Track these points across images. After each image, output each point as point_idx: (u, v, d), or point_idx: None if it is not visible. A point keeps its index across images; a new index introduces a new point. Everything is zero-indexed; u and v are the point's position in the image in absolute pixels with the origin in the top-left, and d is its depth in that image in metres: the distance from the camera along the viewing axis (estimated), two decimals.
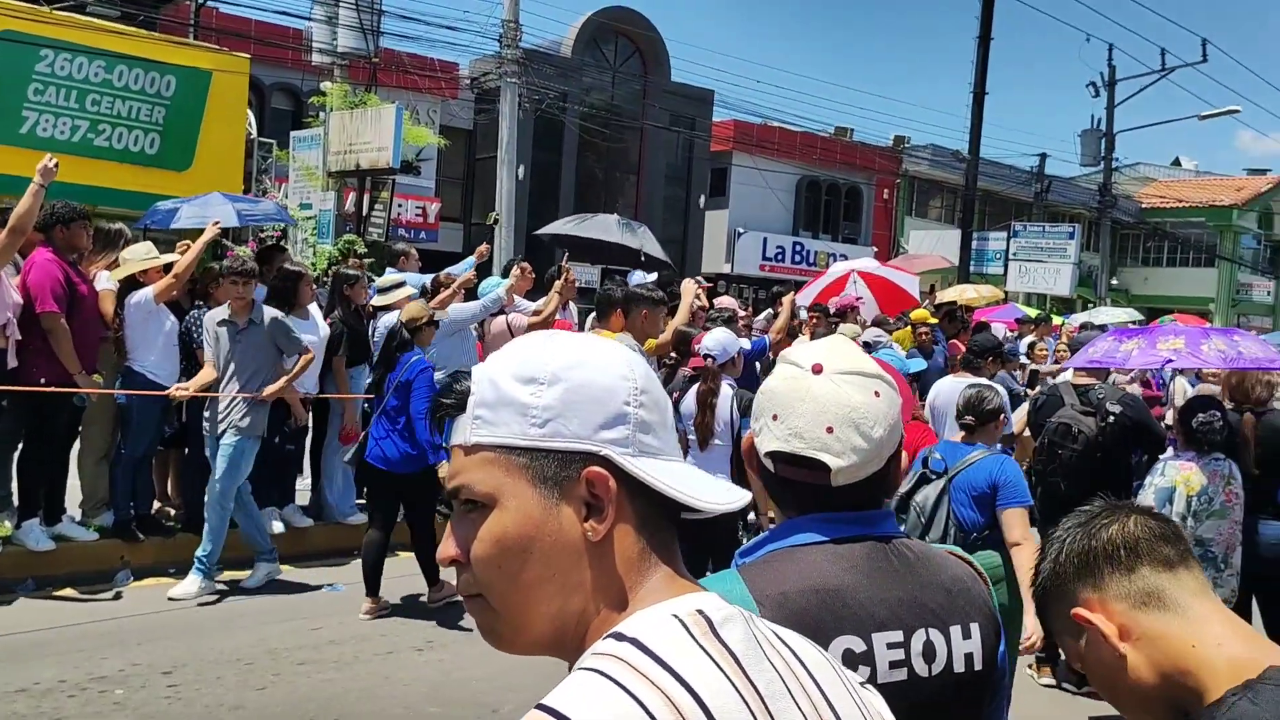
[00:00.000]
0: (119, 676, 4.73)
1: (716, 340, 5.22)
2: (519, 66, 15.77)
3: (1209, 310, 33.57)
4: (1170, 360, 4.97)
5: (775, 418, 1.42)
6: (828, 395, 1.38)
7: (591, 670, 0.81)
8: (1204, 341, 4.85)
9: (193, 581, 5.94)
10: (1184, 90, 75.42)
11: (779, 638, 0.92)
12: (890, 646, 1.34)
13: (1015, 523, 3.96)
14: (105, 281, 6.50)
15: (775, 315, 9.53)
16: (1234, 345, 4.81)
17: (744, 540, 4.81)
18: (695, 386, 5.14)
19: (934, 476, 4.22)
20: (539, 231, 9.99)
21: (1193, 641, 1.23)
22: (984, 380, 5.61)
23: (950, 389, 7.04)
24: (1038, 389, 7.99)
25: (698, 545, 5.05)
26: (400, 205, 19.87)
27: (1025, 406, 6.48)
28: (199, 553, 6.01)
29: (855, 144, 29.86)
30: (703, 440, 5.05)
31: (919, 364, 7.14)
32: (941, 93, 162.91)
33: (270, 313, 6.28)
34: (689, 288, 6.85)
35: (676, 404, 5.28)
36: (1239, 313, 37.45)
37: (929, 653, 1.36)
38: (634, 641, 0.82)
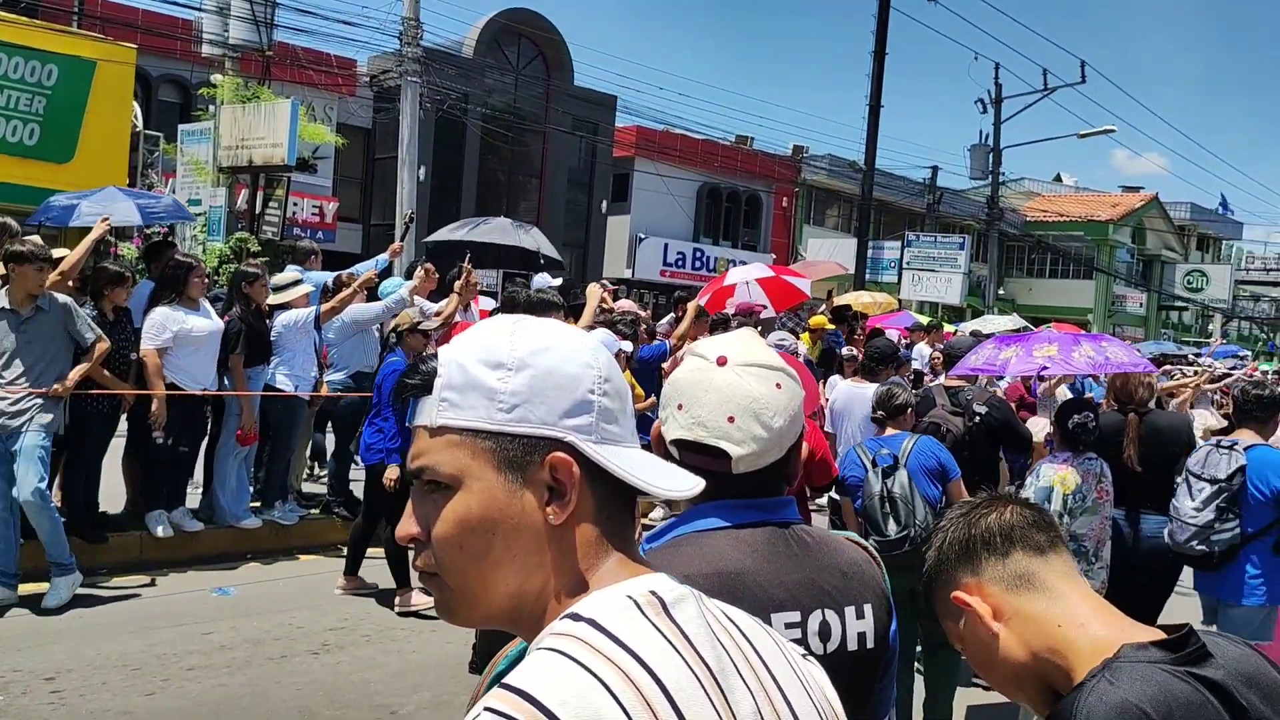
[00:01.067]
0: None
1: (597, 339, 5.21)
2: (419, 65, 15.58)
3: (1087, 320, 35.04)
4: (1045, 367, 5.20)
5: (680, 407, 1.47)
6: (731, 386, 1.45)
7: (551, 650, 0.84)
8: (1075, 349, 5.10)
9: (61, 586, 5.68)
10: (1065, 109, 78.78)
11: (727, 616, 0.96)
12: (788, 626, 1.40)
13: (963, 493, 4.54)
14: None
15: (677, 320, 9.64)
16: (1101, 351, 5.07)
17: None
18: None
19: (893, 468, 4.72)
20: (430, 238, 9.86)
21: (1058, 621, 1.35)
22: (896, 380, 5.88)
23: (848, 393, 7.24)
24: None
25: None
26: (296, 204, 19.41)
27: (1044, 419, 6.66)
28: (54, 558, 5.69)
29: (755, 152, 30.31)
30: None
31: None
32: (839, 104, 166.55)
33: (61, 299, 5.82)
34: (594, 291, 6.90)
35: None
36: (1114, 323, 39.18)
37: (825, 632, 1.43)
38: (591, 621, 0.86)
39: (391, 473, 5.90)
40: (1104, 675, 1.22)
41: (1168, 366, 17.19)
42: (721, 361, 1.48)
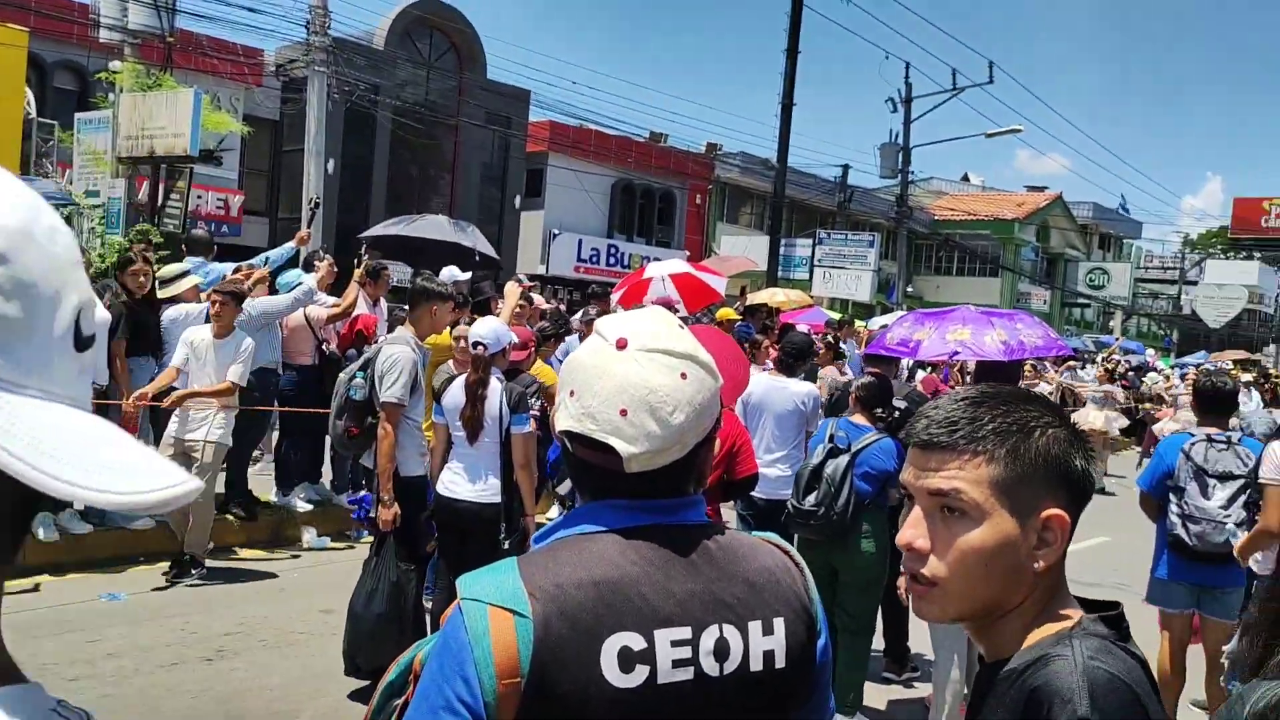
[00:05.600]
0: None
1: (489, 328, 5.02)
2: (327, 55, 15.23)
3: None
4: (957, 352, 5.24)
5: (572, 394, 1.33)
6: (628, 374, 1.29)
7: None
8: (988, 332, 5.12)
9: None
10: (973, 109, 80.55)
11: None
12: (675, 644, 1.26)
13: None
14: None
15: (590, 317, 9.57)
16: (1015, 334, 5.10)
17: (505, 543, 4.81)
18: (462, 377, 5.03)
19: (841, 451, 4.96)
20: (365, 234, 9.61)
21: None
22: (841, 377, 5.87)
23: (766, 387, 7.24)
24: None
25: (461, 536, 4.97)
26: (200, 196, 18.80)
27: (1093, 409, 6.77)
28: None
29: (669, 149, 30.39)
30: (471, 434, 4.90)
31: None
32: (754, 102, 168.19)
33: None
34: (513, 289, 6.79)
35: (438, 396, 5.18)
36: None
37: (721, 650, 1.28)
38: None
39: None
40: (1080, 646, 1.19)
41: (1071, 363, 17.72)
42: (621, 344, 1.32)
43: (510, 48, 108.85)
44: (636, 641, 1.24)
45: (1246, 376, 19.27)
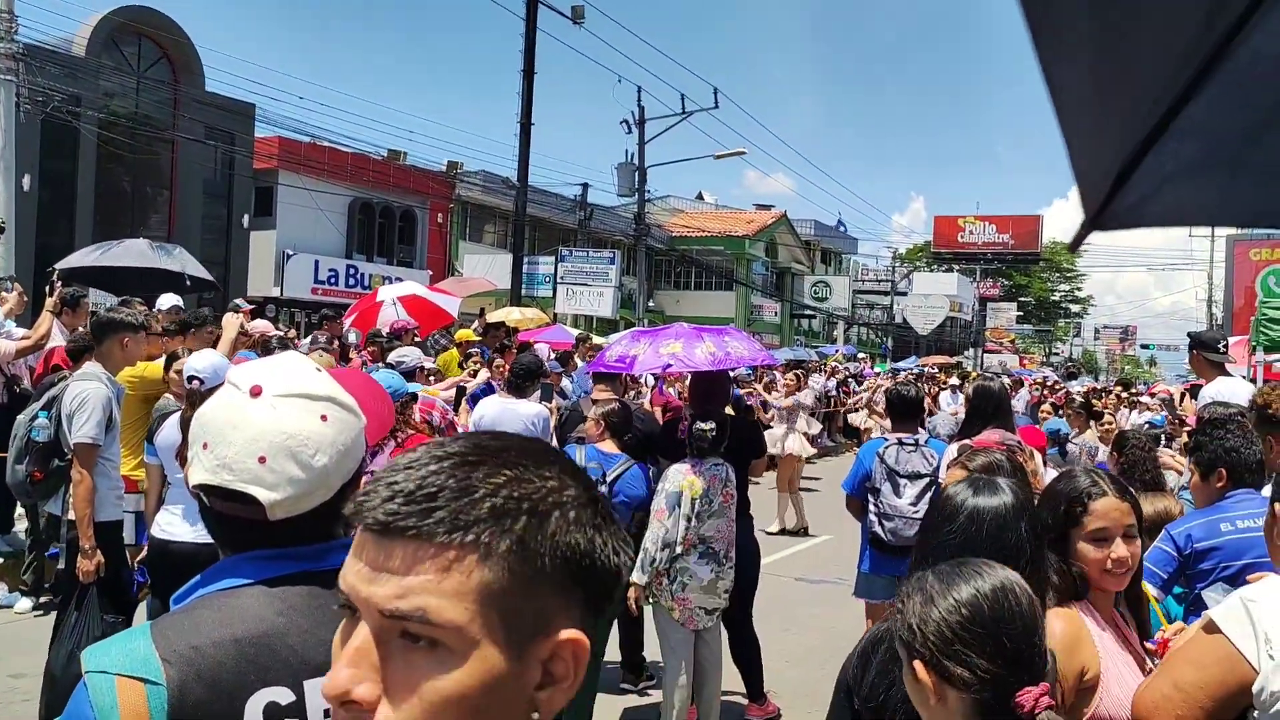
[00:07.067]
0: None
1: (206, 362, 4.64)
2: (15, 62, 13.90)
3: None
4: (669, 365, 5.47)
5: (205, 446, 1.30)
6: (264, 421, 1.28)
7: None
8: (698, 345, 5.38)
9: None
10: (702, 132, 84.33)
11: None
12: None
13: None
14: None
15: (319, 344, 9.21)
16: (723, 346, 5.39)
17: None
18: (177, 414, 4.74)
19: (598, 483, 4.72)
20: (59, 265, 8.76)
21: None
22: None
23: (498, 409, 7.22)
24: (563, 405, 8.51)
25: (178, 580, 4.68)
26: None
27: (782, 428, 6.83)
28: None
29: (408, 168, 29.83)
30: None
31: None
32: (493, 122, 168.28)
33: None
34: (231, 322, 6.44)
35: (150, 435, 4.89)
36: (753, 330, 42.37)
37: None
38: None
39: None
40: None
41: (798, 370, 18.80)
42: (256, 391, 1.31)
43: (231, 60, 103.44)
44: (284, 695, 1.21)
45: (955, 380, 21.21)
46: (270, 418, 1.29)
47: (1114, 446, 4.91)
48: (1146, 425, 10.41)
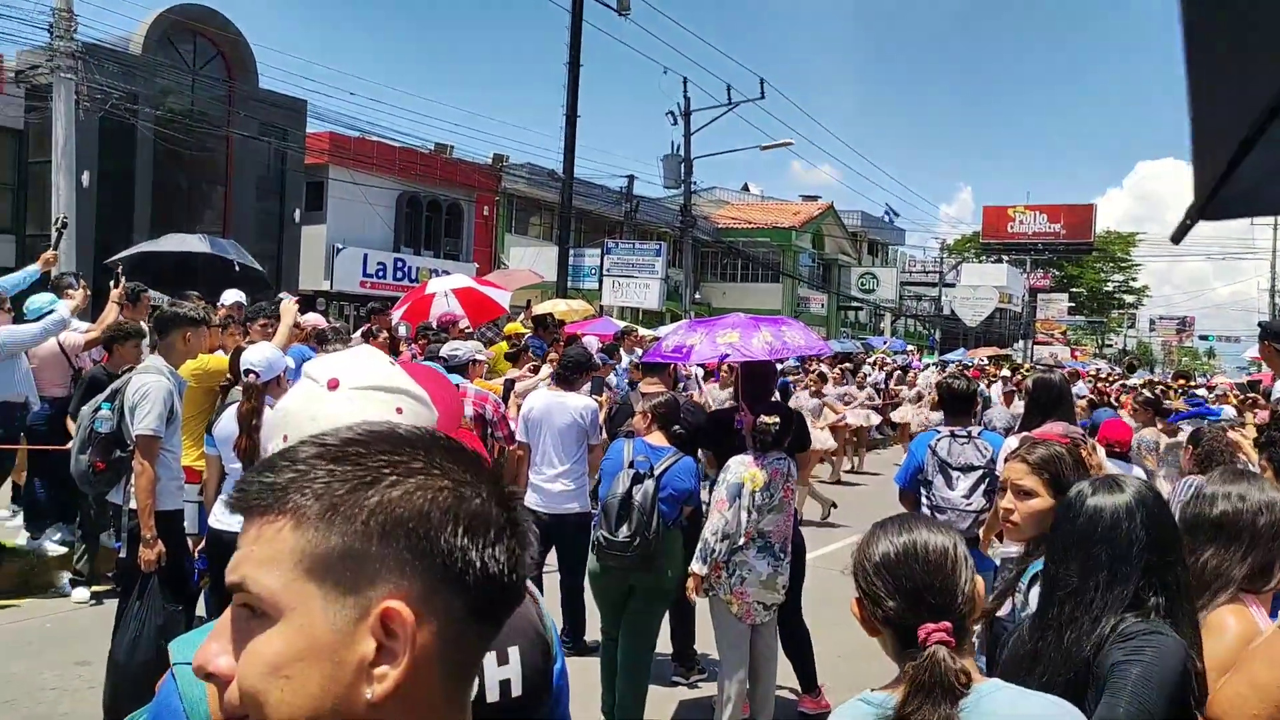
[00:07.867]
0: None
1: (261, 355, 4.74)
2: (74, 61, 14.17)
3: None
4: (727, 355, 5.44)
5: (286, 439, 1.31)
6: (342, 414, 1.28)
7: None
8: (755, 335, 5.34)
9: None
10: (748, 123, 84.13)
11: None
12: None
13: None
14: None
15: (370, 331, 9.31)
16: (780, 336, 5.34)
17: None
18: (235, 407, 4.79)
19: (645, 476, 4.94)
20: (112, 259, 8.96)
21: None
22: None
23: (546, 401, 7.24)
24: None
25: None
26: None
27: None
28: None
29: (455, 161, 30.01)
30: (248, 464, 4.66)
31: None
32: (539, 114, 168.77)
33: None
34: (289, 308, 6.52)
35: (209, 426, 4.95)
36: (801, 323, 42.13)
37: None
38: None
39: None
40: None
41: (845, 363, 18.65)
42: (333, 385, 1.33)
43: (284, 57, 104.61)
44: None
45: (1006, 372, 20.93)
46: (348, 410, 1.30)
47: (1189, 440, 4.94)
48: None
